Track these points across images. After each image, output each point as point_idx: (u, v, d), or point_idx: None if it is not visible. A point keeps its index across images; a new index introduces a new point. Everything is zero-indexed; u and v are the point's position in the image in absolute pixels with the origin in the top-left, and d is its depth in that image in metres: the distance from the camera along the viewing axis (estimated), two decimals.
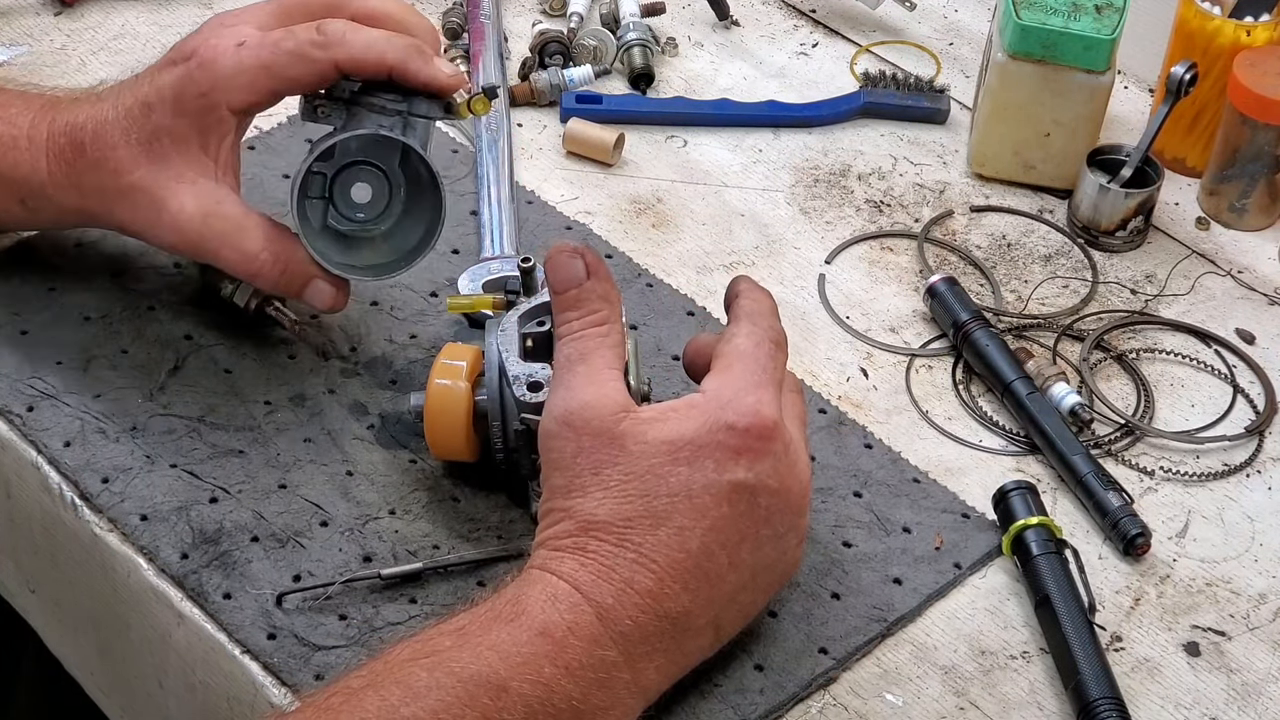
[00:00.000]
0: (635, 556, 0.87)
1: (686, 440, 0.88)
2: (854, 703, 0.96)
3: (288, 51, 1.03)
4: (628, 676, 0.86)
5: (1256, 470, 1.11)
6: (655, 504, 0.87)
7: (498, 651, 0.83)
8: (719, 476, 0.88)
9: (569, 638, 0.85)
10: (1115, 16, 1.24)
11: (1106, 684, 0.94)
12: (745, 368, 0.91)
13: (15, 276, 1.13)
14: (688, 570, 0.88)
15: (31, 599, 1.11)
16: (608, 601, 0.86)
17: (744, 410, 0.89)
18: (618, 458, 0.88)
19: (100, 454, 1.03)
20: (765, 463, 0.89)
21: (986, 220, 1.28)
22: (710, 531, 0.88)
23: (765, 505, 0.90)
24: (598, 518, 0.87)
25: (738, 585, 0.90)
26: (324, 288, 1.05)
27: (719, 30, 1.44)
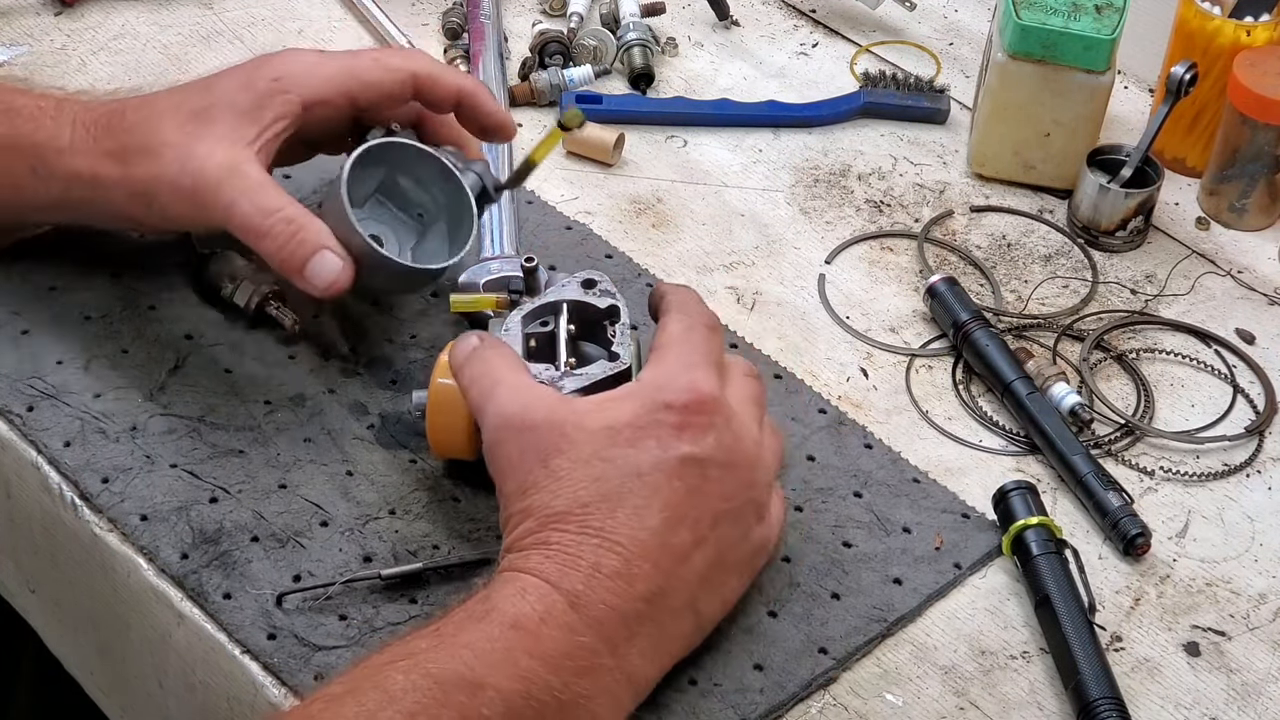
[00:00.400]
0: (599, 541, 0.87)
1: (625, 423, 0.89)
2: (854, 703, 0.96)
3: (371, 57, 1.07)
4: (610, 663, 0.86)
5: (1256, 470, 1.11)
6: (608, 487, 0.88)
7: (472, 649, 0.84)
8: (664, 453, 0.89)
9: (542, 628, 0.85)
10: (1115, 16, 1.24)
11: (1106, 684, 0.94)
12: (677, 351, 0.93)
13: (15, 276, 1.13)
14: (653, 548, 0.88)
15: (31, 599, 1.11)
16: (578, 588, 0.86)
17: (679, 388, 0.90)
18: (562, 446, 0.89)
19: (100, 454, 1.03)
20: (709, 436, 0.90)
21: (986, 220, 1.28)
22: (667, 507, 0.89)
23: (716, 478, 0.90)
24: (555, 509, 0.88)
25: (706, 563, 0.90)
26: (331, 259, 1.01)
27: (719, 30, 1.44)
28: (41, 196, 1.08)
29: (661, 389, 0.91)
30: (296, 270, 1.02)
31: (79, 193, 1.07)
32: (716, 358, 0.94)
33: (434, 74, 1.07)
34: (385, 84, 1.06)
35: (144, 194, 1.05)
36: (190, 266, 1.14)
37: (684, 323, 0.95)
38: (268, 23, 1.38)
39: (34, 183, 1.07)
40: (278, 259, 1.02)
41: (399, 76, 1.07)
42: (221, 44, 1.36)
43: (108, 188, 1.06)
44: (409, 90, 1.07)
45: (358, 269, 1.03)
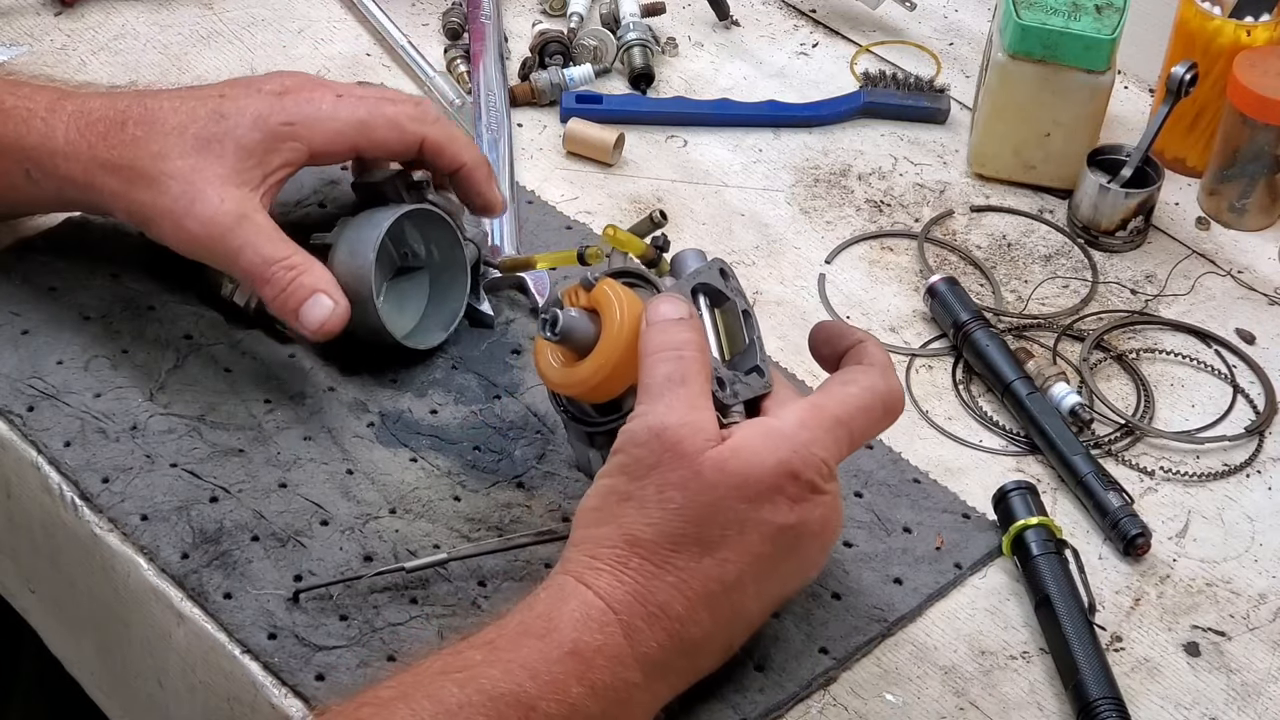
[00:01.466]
0: (674, 581, 0.87)
1: (759, 479, 0.88)
2: (854, 703, 0.96)
3: (386, 115, 1.07)
4: (645, 697, 0.87)
5: (1256, 470, 1.11)
6: (707, 532, 0.88)
7: (528, 669, 0.84)
8: (772, 518, 0.89)
9: (596, 658, 0.85)
10: (1115, 16, 1.24)
11: (1106, 684, 0.94)
12: (834, 420, 0.91)
13: (15, 276, 1.13)
14: (718, 600, 0.88)
15: (31, 599, 1.11)
16: (638, 624, 0.86)
17: (811, 464, 0.89)
18: (689, 482, 0.88)
19: (100, 454, 1.03)
20: (815, 511, 0.90)
21: (986, 220, 1.28)
22: (750, 567, 0.89)
23: (805, 549, 0.91)
24: (645, 537, 0.87)
25: (756, 613, 0.92)
26: (323, 302, 1.03)
27: (719, 30, 1.44)
28: (38, 197, 1.09)
29: (797, 451, 0.89)
30: (291, 314, 1.04)
31: (74, 195, 1.07)
32: (865, 439, 0.93)
33: (441, 144, 1.09)
34: (393, 146, 1.08)
35: (144, 218, 1.06)
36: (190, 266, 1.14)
37: (868, 397, 0.93)
38: (268, 23, 1.38)
39: (29, 185, 1.07)
40: (275, 304, 1.04)
41: (409, 142, 1.08)
42: (221, 44, 1.36)
43: (105, 199, 1.06)
44: (414, 154, 1.09)
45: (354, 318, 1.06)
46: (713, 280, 0.98)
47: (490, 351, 1.12)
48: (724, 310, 0.98)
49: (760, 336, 0.97)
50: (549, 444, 1.06)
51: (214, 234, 1.04)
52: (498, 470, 1.04)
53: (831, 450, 0.90)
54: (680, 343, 0.91)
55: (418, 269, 1.12)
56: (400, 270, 1.12)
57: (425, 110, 1.09)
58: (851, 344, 0.96)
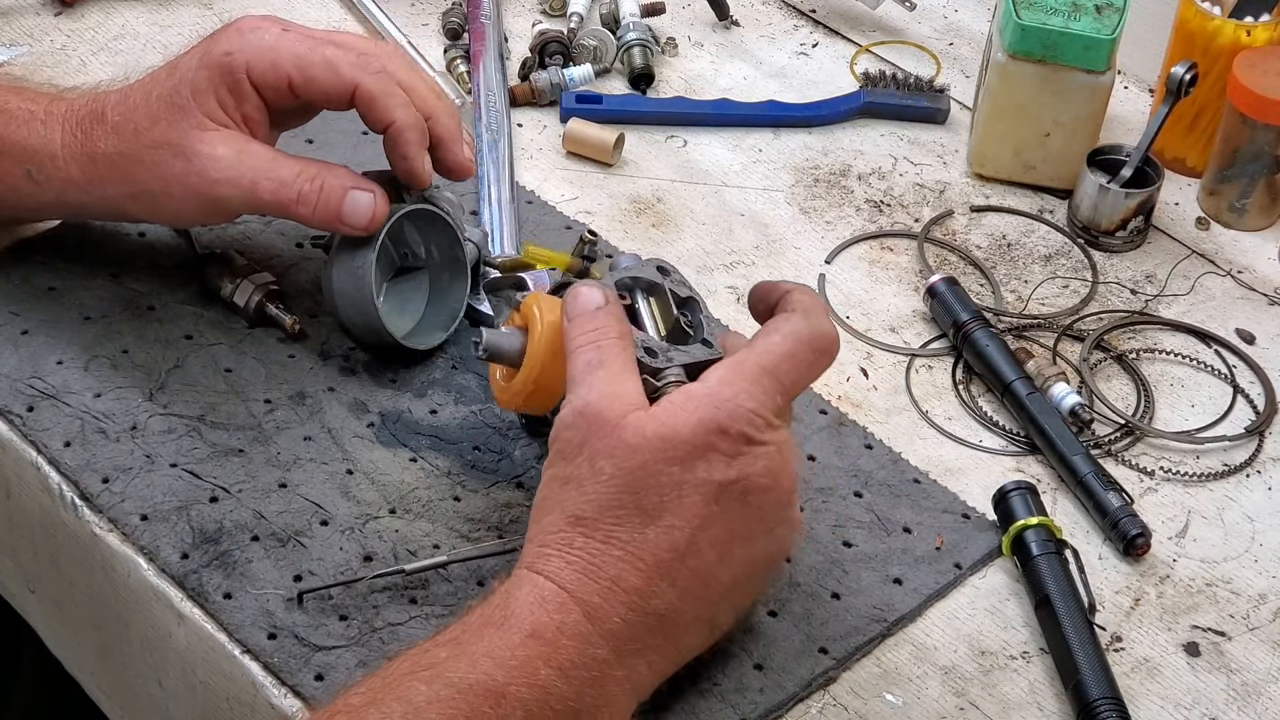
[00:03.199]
0: (621, 554, 0.86)
1: (681, 439, 0.87)
2: (854, 703, 0.96)
3: (323, 55, 1.04)
4: (620, 674, 0.86)
5: (1256, 470, 1.11)
6: (645, 500, 0.87)
7: (492, 658, 0.83)
8: (709, 475, 0.87)
9: (560, 638, 0.85)
10: (1115, 16, 1.24)
11: (1106, 684, 0.94)
12: (758, 369, 0.90)
13: (15, 276, 1.13)
14: (675, 568, 0.87)
15: (31, 599, 1.11)
16: (594, 600, 0.86)
17: (737, 415, 0.88)
18: (615, 449, 0.87)
19: (100, 454, 1.03)
20: (757, 463, 0.88)
21: (986, 220, 1.28)
22: (699, 530, 0.87)
23: (756, 503, 0.89)
24: (586, 514, 0.87)
25: (731, 582, 0.90)
26: (361, 198, 1.02)
27: (719, 30, 1.44)
28: (38, 198, 1.08)
29: (721, 407, 0.88)
30: (335, 222, 1.03)
31: (75, 196, 1.07)
32: (798, 386, 0.91)
33: (373, 96, 1.03)
34: (326, 88, 1.04)
35: (149, 195, 1.05)
36: (190, 266, 1.14)
37: (792, 342, 0.91)
38: None
39: (30, 185, 1.07)
40: (314, 220, 1.03)
41: (341, 86, 1.04)
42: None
43: (109, 194, 1.06)
44: (347, 101, 1.05)
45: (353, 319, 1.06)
46: (646, 274, 0.98)
47: None
48: (658, 296, 0.98)
49: (710, 317, 0.98)
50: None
51: (225, 177, 1.02)
52: (497, 470, 1.04)
53: (761, 400, 0.88)
54: (597, 328, 0.91)
55: (418, 269, 1.12)
56: (400, 270, 1.12)
57: (369, 60, 1.04)
58: (779, 295, 0.94)
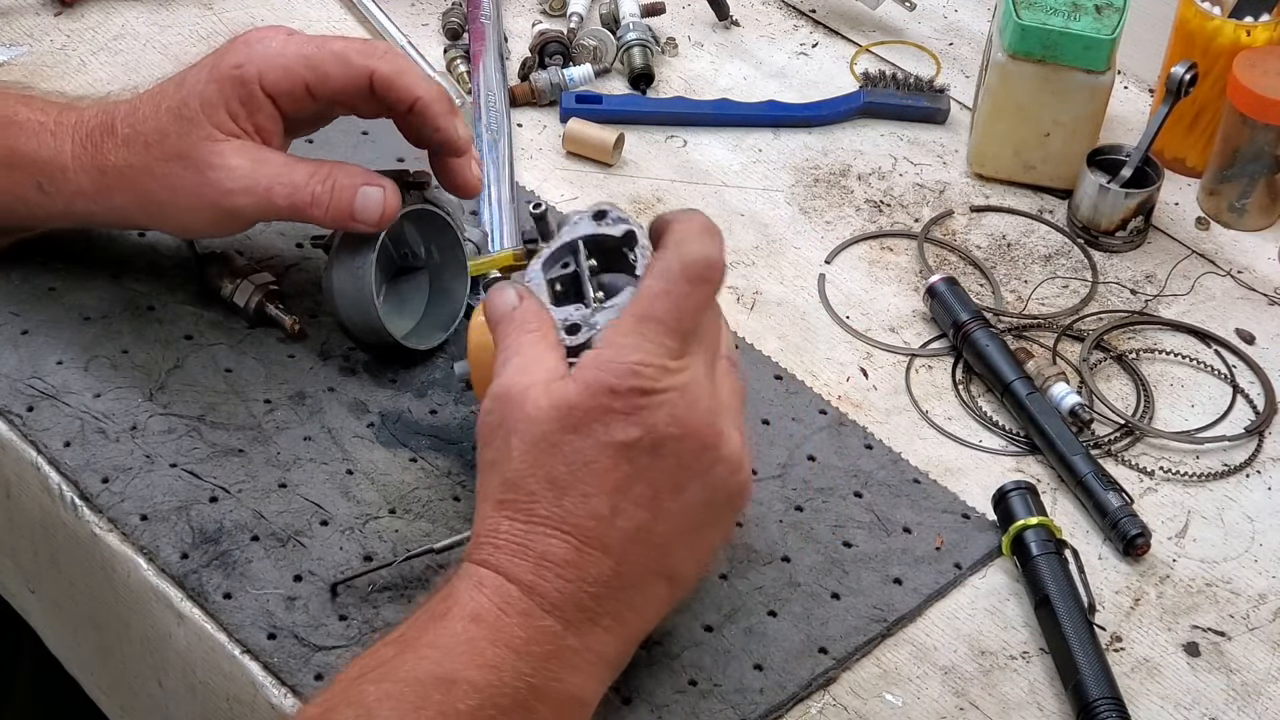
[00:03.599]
0: (545, 529, 0.85)
1: (571, 405, 0.85)
2: (854, 703, 0.96)
3: (332, 50, 1.05)
4: (575, 643, 0.85)
5: (1256, 470, 1.11)
6: (554, 472, 0.85)
7: (437, 648, 0.83)
8: (609, 438, 0.85)
9: (502, 617, 0.84)
10: (1115, 16, 1.24)
11: (1106, 684, 0.95)
12: (636, 319, 0.87)
13: (15, 276, 1.13)
14: (603, 534, 0.86)
15: (31, 599, 1.11)
16: (529, 578, 0.85)
17: (625, 371, 0.85)
18: (518, 424, 0.86)
19: (100, 454, 1.03)
20: (657, 414, 0.86)
21: (986, 220, 1.28)
22: (616, 493, 0.86)
23: (670, 452, 0.86)
24: (506, 495, 0.86)
25: (673, 531, 0.88)
26: (371, 194, 1.03)
27: (719, 30, 1.44)
28: (47, 209, 1.08)
29: (609, 369, 0.86)
30: (347, 220, 1.04)
31: (84, 207, 1.07)
32: (684, 321, 0.87)
33: (391, 77, 1.04)
34: (342, 81, 1.04)
35: (159, 205, 1.05)
36: (190, 266, 1.14)
37: (664, 277, 0.87)
38: (267, 23, 1.38)
39: (40, 197, 1.07)
40: (327, 220, 1.04)
41: (356, 75, 1.04)
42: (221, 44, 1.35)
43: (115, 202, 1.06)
44: (366, 89, 1.05)
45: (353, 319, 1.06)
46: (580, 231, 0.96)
47: None
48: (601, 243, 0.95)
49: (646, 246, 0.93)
50: None
51: (242, 187, 1.03)
52: None
53: (647, 349, 0.86)
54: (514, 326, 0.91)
55: (418, 269, 1.12)
56: (400, 270, 1.12)
57: (373, 46, 1.06)
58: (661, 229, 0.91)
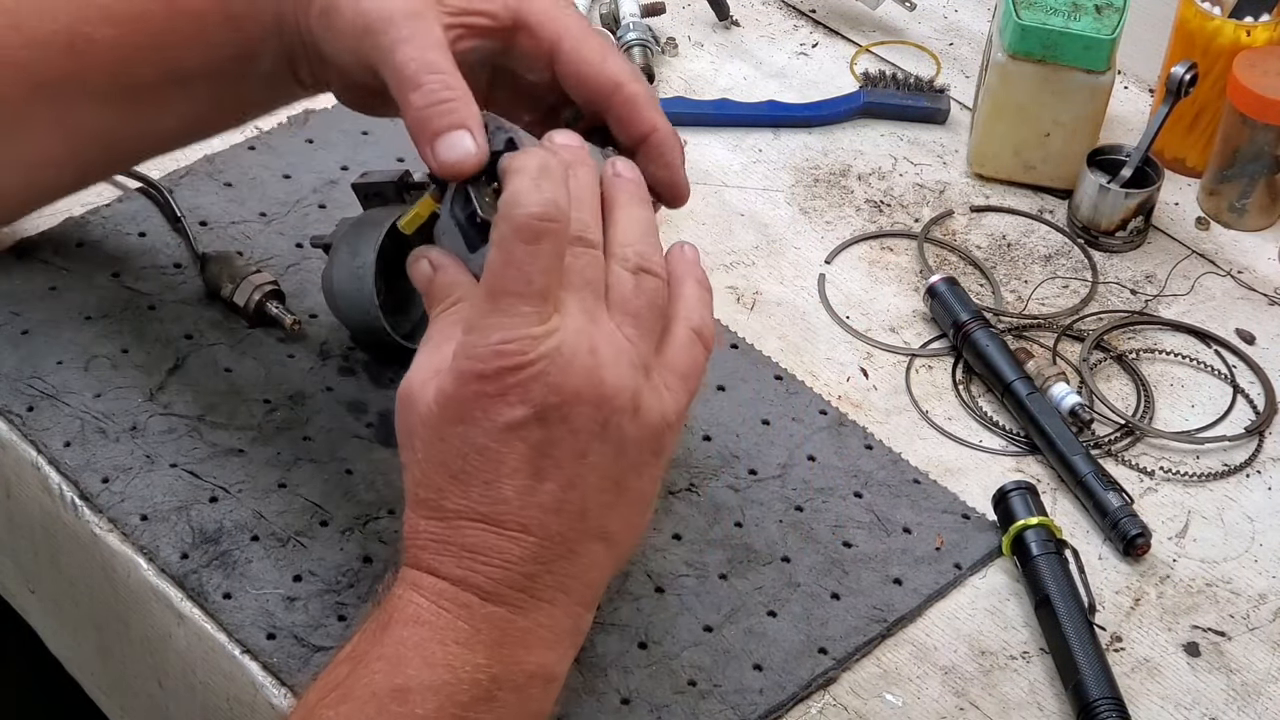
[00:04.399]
0: (462, 522, 0.84)
1: (449, 398, 0.84)
2: (854, 703, 0.96)
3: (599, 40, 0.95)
4: (525, 623, 0.84)
5: (1256, 470, 1.11)
6: (454, 467, 0.84)
7: (385, 659, 0.82)
8: (494, 423, 0.83)
9: (441, 615, 0.83)
10: (1115, 16, 1.24)
11: (1106, 684, 0.95)
12: (488, 296, 0.84)
13: (15, 276, 1.13)
14: (517, 514, 0.84)
15: (31, 599, 1.11)
16: (457, 572, 0.84)
17: (486, 355, 0.83)
18: (415, 424, 0.86)
19: (100, 454, 1.03)
20: (533, 387, 0.83)
21: (986, 220, 1.28)
22: (516, 473, 0.84)
23: (561, 419, 0.84)
24: (420, 496, 0.85)
25: (589, 495, 0.85)
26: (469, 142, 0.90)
27: (719, 30, 1.44)
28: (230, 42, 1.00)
29: (475, 355, 0.83)
30: (428, 137, 0.91)
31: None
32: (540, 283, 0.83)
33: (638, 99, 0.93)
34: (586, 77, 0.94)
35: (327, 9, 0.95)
36: (190, 266, 1.14)
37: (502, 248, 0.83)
38: None
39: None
40: (417, 117, 0.91)
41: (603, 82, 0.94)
42: None
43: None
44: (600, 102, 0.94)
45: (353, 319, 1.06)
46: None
47: None
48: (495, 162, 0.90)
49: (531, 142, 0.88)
50: None
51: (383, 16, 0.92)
52: None
53: (504, 322, 0.83)
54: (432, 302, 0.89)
55: None
56: (400, 270, 1.12)
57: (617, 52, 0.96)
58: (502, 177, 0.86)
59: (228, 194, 1.20)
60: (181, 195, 1.19)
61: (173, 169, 1.21)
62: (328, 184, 1.20)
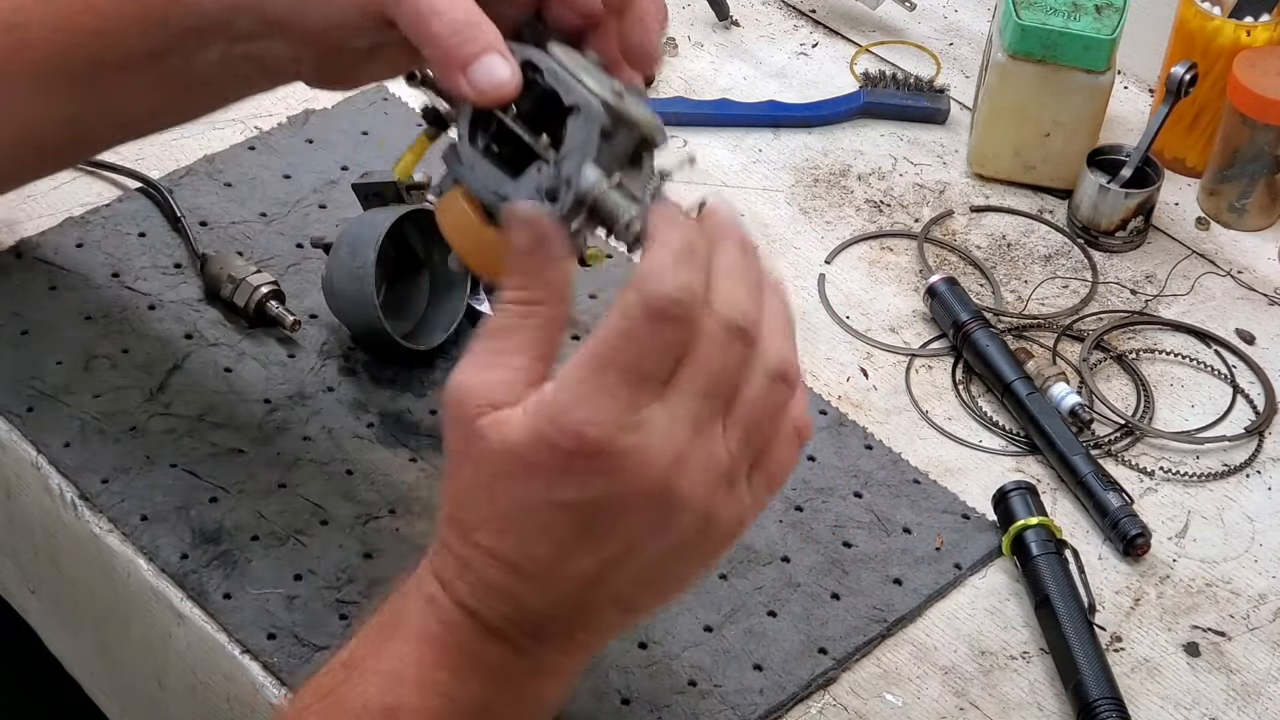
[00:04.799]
0: (487, 558, 0.82)
1: (517, 455, 0.80)
2: (854, 703, 0.96)
3: None
4: (526, 665, 0.83)
5: (1256, 470, 1.11)
6: (497, 509, 0.81)
7: (383, 674, 0.81)
8: (548, 494, 0.80)
9: (447, 638, 0.81)
10: (1115, 16, 1.24)
11: (1106, 684, 0.95)
12: (597, 364, 0.78)
13: (15, 276, 1.13)
14: (543, 575, 0.81)
15: (31, 599, 1.11)
16: (469, 600, 0.82)
17: (568, 431, 0.78)
18: (468, 453, 0.81)
19: (100, 454, 1.03)
20: (595, 481, 0.79)
21: (986, 220, 1.28)
22: (556, 543, 0.81)
23: (616, 514, 0.80)
24: (456, 514, 0.82)
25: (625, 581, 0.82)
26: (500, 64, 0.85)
27: (719, 30, 1.44)
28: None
29: (555, 425, 0.78)
30: (459, 65, 0.86)
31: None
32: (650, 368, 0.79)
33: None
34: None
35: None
36: (190, 266, 1.14)
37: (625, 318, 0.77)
38: None
39: None
40: (444, 46, 0.86)
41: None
42: None
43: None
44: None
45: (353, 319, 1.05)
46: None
47: None
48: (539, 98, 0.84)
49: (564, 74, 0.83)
50: None
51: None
52: None
53: (599, 404, 0.78)
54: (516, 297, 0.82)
55: (418, 269, 1.12)
56: (400, 270, 1.12)
57: None
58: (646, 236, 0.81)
59: (228, 194, 1.20)
60: (181, 195, 1.19)
61: (173, 169, 1.21)
62: (328, 184, 1.20)
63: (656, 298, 0.77)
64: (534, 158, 0.83)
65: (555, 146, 0.82)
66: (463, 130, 0.85)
